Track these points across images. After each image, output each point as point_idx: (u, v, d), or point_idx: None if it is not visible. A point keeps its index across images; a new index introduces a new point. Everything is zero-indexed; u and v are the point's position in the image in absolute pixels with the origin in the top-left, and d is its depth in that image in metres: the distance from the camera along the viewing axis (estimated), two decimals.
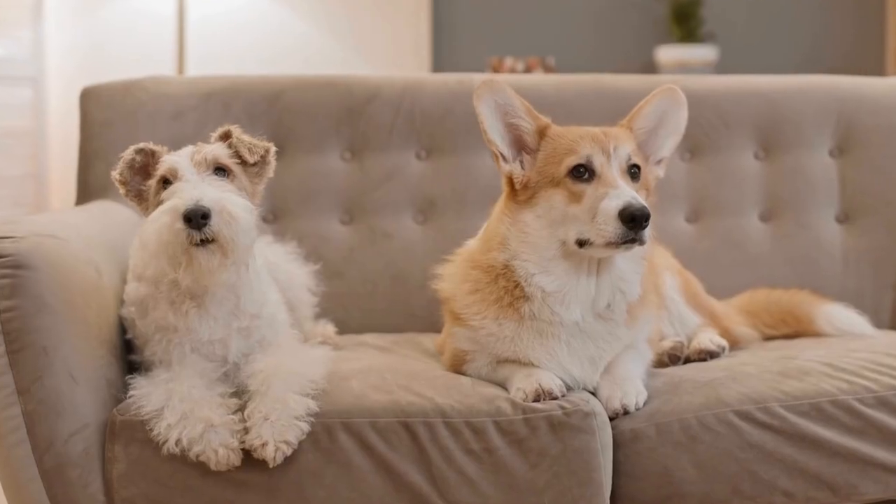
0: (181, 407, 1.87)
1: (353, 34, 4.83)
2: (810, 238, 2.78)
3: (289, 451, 1.85)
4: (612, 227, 1.91)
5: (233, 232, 1.86)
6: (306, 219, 2.73)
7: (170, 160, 1.96)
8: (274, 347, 2.05)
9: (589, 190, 1.97)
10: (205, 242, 1.86)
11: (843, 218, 2.82)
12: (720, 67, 4.75)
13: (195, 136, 2.69)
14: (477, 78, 2.84)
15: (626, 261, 2.04)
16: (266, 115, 2.75)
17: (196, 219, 1.83)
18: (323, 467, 1.91)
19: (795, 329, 2.55)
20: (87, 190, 2.68)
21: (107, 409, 1.95)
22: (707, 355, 2.31)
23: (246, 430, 1.87)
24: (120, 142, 2.66)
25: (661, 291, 2.35)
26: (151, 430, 1.88)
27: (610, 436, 1.97)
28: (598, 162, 1.99)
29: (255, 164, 2.02)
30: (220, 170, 1.97)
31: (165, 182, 1.95)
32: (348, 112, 2.77)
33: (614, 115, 2.79)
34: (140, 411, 1.91)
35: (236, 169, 1.99)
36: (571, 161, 1.99)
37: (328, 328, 2.50)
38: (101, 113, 2.70)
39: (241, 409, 1.91)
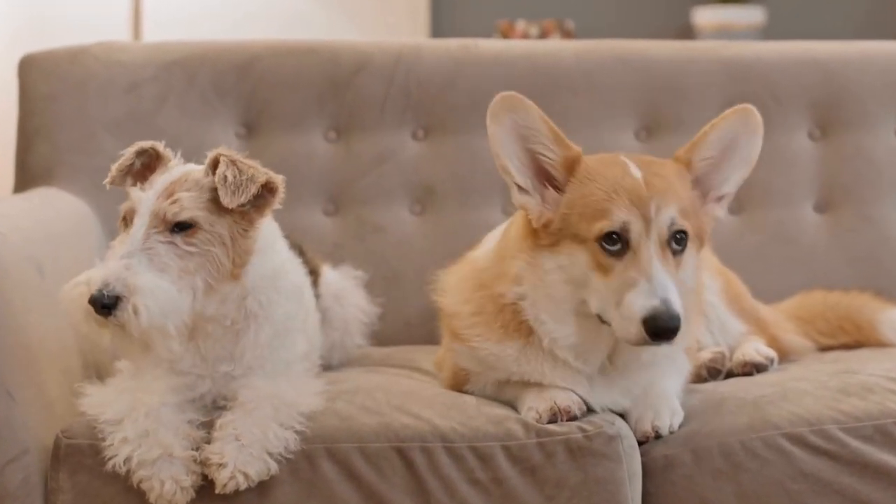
0: (145, 423, 1.88)
1: None
2: (874, 232, 2.78)
3: (243, 486, 1.85)
4: (635, 330, 1.86)
5: (142, 323, 1.85)
6: (284, 209, 2.67)
7: (135, 196, 1.93)
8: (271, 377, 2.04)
9: (619, 267, 1.89)
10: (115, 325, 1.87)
11: None
12: (768, 32, 4.74)
13: (153, 111, 2.69)
14: (483, 44, 2.84)
15: None
16: (237, 88, 2.75)
17: (98, 308, 1.84)
18: (303, 501, 1.90)
19: (856, 338, 2.56)
20: (28, 175, 2.68)
21: (50, 431, 1.95)
22: (753, 368, 2.32)
23: (204, 463, 1.87)
24: (66, 118, 2.67)
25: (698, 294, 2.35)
26: (104, 439, 1.88)
27: (639, 463, 1.97)
28: (635, 231, 1.89)
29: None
30: (184, 223, 1.92)
31: (126, 221, 1.95)
32: (333, 84, 2.77)
33: (644, 88, 2.80)
34: (97, 418, 1.90)
35: (206, 220, 1.93)
36: (603, 227, 1.89)
37: None
38: (44, 85, 2.70)
39: (207, 443, 1.90)
